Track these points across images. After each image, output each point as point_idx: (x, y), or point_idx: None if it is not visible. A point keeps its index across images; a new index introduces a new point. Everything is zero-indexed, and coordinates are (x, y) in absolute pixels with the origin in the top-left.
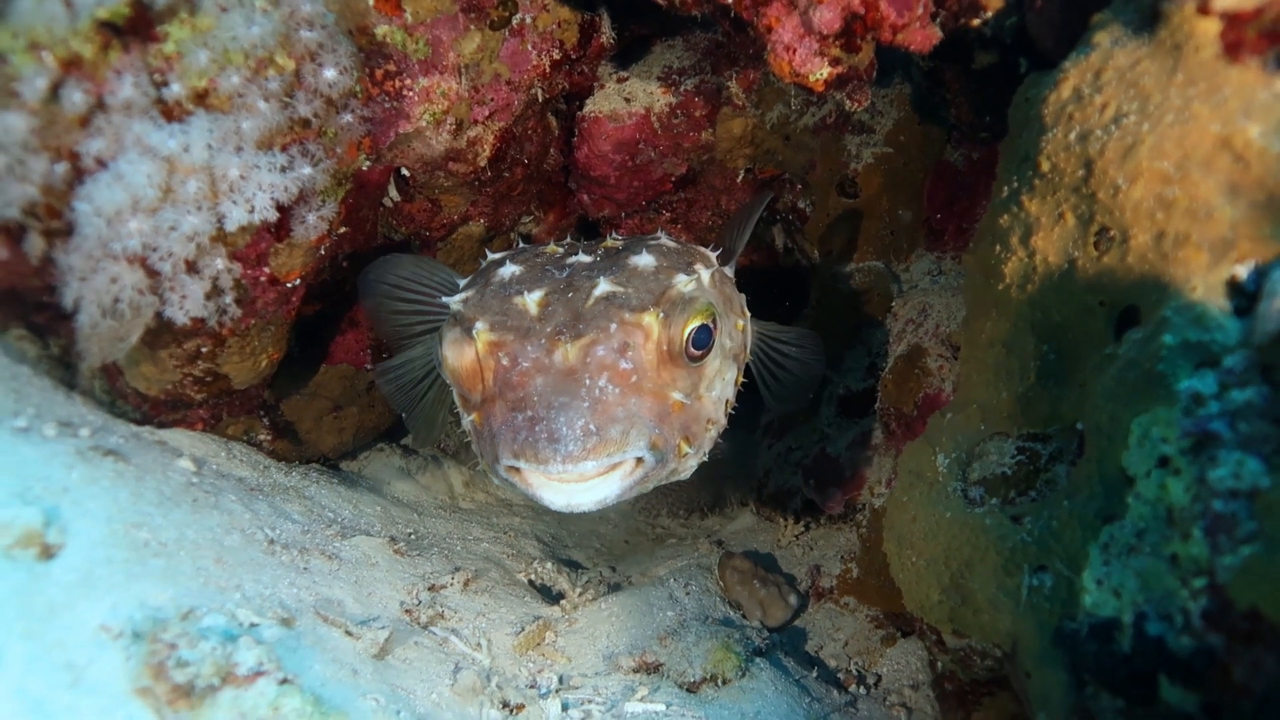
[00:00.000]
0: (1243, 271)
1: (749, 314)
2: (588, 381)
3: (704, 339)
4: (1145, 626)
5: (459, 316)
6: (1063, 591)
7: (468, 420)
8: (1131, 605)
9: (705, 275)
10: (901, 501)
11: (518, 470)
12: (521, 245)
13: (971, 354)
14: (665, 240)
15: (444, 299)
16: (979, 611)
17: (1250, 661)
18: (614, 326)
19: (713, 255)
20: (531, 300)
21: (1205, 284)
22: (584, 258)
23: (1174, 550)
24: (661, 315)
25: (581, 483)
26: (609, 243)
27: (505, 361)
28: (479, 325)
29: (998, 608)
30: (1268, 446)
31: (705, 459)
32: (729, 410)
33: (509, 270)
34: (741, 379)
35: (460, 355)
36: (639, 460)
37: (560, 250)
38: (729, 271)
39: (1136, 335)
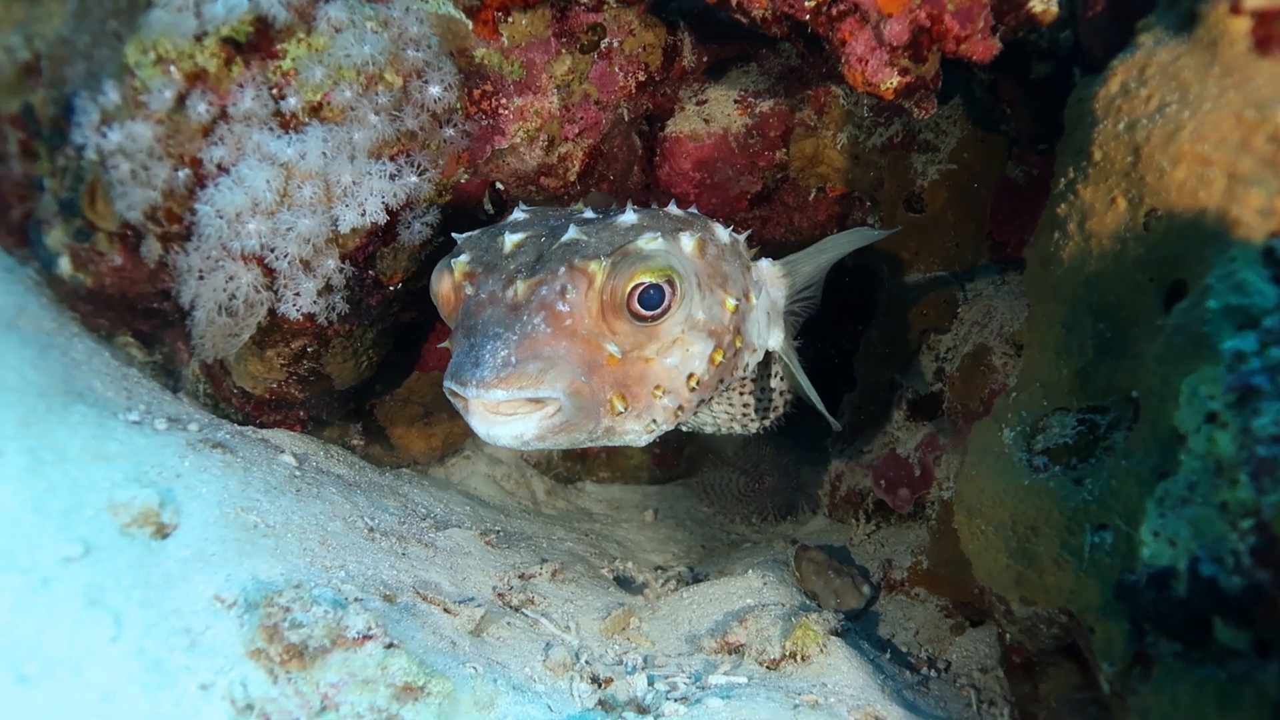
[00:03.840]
0: (1278, 244)
1: (756, 302)
2: (524, 318)
3: (654, 299)
4: (1199, 569)
5: (454, 249)
6: (1122, 546)
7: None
8: (1186, 552)
9: (688, 241)
10: (970, 475)
11: (460, 395)
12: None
13: (1034, 337)
14: (672, 209)
15: (454, 234)
16: (1044, 573)
17: None
18: (562, 270)
19: (721, 229)
20: (510, 240)
21: (1244, 254)
22: (587, 214)
23: (1224, 498)
24: (608, 265)
25: (507, 417)
26: (626, 207)
27: (470, 291)
28: (461, 257)
29: (1062, 567)
30: None
31: (662, 429)
32: (693, 386)
33: (516, 216)
34: (729, 362)
35: (440, 281)
36: (559, 406)
37: (580, 209)
38: (770, 267)
39: (1183, 305)
